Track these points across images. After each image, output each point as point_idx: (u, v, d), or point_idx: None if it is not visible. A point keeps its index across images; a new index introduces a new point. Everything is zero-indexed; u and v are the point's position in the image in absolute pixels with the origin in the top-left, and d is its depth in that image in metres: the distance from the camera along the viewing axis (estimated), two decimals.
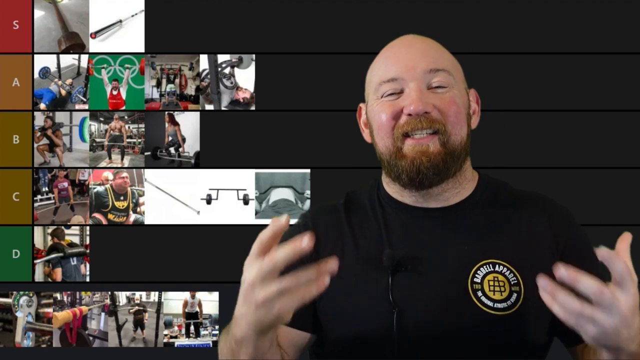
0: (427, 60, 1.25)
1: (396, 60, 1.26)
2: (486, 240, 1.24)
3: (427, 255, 1.22)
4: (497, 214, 1.27)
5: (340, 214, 1.31)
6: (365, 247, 1.26)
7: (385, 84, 1.26)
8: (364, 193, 1.35)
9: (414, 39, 1.30)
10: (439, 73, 1.25)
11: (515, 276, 1.21)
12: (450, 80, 1.26)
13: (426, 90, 1.24)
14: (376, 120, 1.27)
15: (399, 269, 1.21)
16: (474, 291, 1.19)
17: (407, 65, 1.24)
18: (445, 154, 1.23)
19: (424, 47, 1.28)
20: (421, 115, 1.22)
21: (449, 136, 1.23)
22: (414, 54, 1.26)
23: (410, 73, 1.24)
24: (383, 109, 1.25)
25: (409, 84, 1.24)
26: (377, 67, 1.29)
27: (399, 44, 1.30)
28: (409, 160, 1.23)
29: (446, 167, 1.24)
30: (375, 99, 1.28)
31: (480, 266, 1.21)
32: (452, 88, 1.26)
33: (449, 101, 1.24)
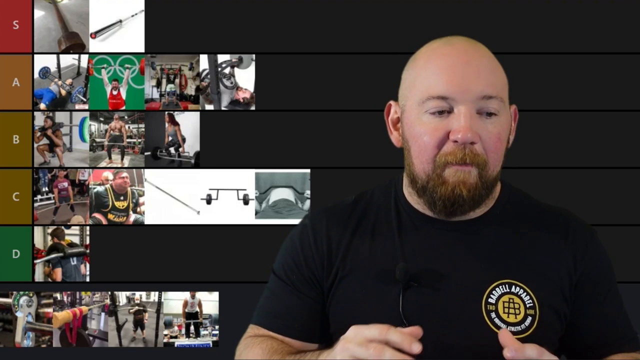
0: (483, 84, 1.17)
1: (450, 77, 1.17)
2: (503, 259, 1.21)
3: (442, 270, 1.20)
4: (516, 231, 1.24)
5: (352, 217, 1.28)
6: (378, 257, 1.23)
7: (433, 100, 1.17)
8: (378, 196, 1.30)
9: (470, 51, 1.20)
10: (492, 100, 1.17)
11: (531, 299, 1.18)
12: (501, 107, 1.19)
13: (476, 115, 1.17)
14: (417, 140, 1.20)
15: (411, 284, 1.18)
16: (488, 312, 1.17)
17: (462, 85, 1.16)
18: (482, 188, 1.19)
19: (480, 65, 1.18)
20: (467, 146, 1.16)
21: (487, 172, 1.19)
22: (470, 73, 1.17)
23: (464, 95, 1.16)
24: (427, 130, 1.18)
25: (460, 107, 1.16)
26: (426, 77, 1.20)
27: (455, 56, 1.19)
28: (449, 187, 1.18)
29: (481, 199, 1.21)
30: (418, 111, 1.20)
31: (496, 286, 1.19)
32: (501, 115, 1.19)
33: (495, 138, 1.18)
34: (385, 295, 1.19)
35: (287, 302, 1.27)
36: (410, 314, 1.17)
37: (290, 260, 1.28)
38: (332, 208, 1.31)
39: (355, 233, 1.26)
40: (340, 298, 1.23)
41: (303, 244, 1.28)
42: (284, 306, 1.27)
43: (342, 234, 1.26)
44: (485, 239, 1.23)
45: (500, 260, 1.21)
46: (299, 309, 1.26)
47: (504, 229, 1.24)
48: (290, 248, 1.29)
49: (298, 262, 1.27)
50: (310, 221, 1.30)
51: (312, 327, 1.26)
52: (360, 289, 1.22)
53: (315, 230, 1.28)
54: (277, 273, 1.30)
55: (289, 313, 1.26)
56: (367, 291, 1.21)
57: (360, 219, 1.28)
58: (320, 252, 1.26)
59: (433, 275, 1.19)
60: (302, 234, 1.29)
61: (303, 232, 1.29)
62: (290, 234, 1.32)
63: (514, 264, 1.21)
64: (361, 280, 1.22)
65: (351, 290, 1.22)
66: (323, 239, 1.26)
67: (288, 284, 1.27)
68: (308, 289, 1.26)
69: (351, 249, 1.25)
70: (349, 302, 1.22)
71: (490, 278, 1.19)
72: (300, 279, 1.26)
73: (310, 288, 1.26)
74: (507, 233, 1.24)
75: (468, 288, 1.19)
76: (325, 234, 1.27)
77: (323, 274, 1.25)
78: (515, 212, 1.26)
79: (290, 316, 1.26)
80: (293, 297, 1.26)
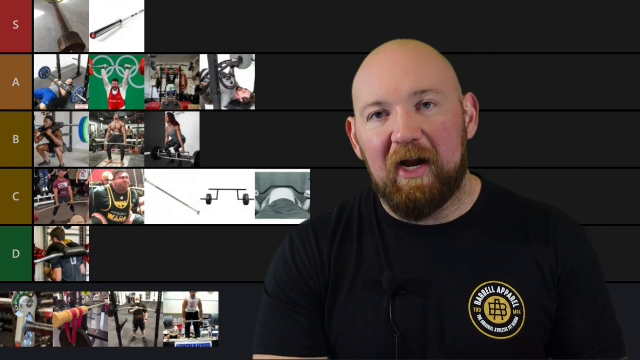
0: (411, 81, 1.16)
1: (379, 81, 1.17)
2: (488, 260, 1.20)
3: (428, 276, 1.19)
4: (499, 231, 1.22)
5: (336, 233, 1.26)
6: (364, 268, 1.22)
7: (370, 106, 1.18)
8: (360, 206, 1.29)
9: (397, 52, 1.20)
10: (426, 94, 1.16)
11: (517, 299, 1.18)
12: (439, 97, 1.17)
13: (414, 112, 1.16)
14: (367, 147, 1.20)
15: (399, 292, 1.18)
16: (474, 315, 1.17)
17: (391, 87, 1.16)
18: (441, 185, 1.17)
19: (407, 63, 1.17)
20: (409, 143, 1.15)
21: (441, 166, 1.16)
22: (397, 74, 1.16)
23: (395, 96, 1.16)
24: (372, 136, 1.18)
25: (395, 107, 1.16)
26: (361, 87, 1.21)
27: (382, 60, 1.20)
28: (404, 195, 1.17)
29: (443, 198, 1.18)
30: (362, 121, 1.21)
31: (482, 288, 1.19)
32: (443, 105, 1.17)
33: (439, 128, 1.16)
34: (375, 305, 1.19)
35: (291, 322, 1.24)
36: (400, 321, 1.17)
37: (286, 277, 1.25)
38: (317, 222, 1.29)
39: (343, 244, 1.25)
40: (334, 309, 1.23)
41: (295, 260, 1.25)
42: (289, 327, 1.24)
43: (331, 247, 1.25)
44: (468, 241, 1.21)
45: (485, 262, 1.20)
46: (305, 326, 1.23)
47: (487, 229, 1.22)
48: (282, 266, 1.26)
49: (294, 278, 1.25)
50: (298, 237, 1.28)
51: (320, 342, 1.24)
52: (351, 299, 1.21)
53: (304, 245, 1.26)
54: (272, 295, 1.26)
55: (297, 333, 1.23)
56: (357, 301, 1.21)
57: (346, 230, 1.27)
58: (314, 265, 1.24)
59: (419, 281, 1.19)
60: (293, 250, 1.26)
61: (293, 248, 1.27)
62: (278, 253, 1.29)
63: (498, 264, 1.20)
64: (351, 291, 1.21)
65: (343, 301, 1.22)
66: (315, 252, 1.25)
67: (288, 303, 1.24)
68: (308, 304, 1.24)
69: (340, 260, 1.24)
70: (342, 314, 1.22)
71: (476, 280, 1.19)
72: (299, 294, 1.24)
73: (310, 302, 1.24)
74: (490, 233, 1.22)
75: (454, 292, 1.18)
76: (315, 247, 1.25)
77: (320, 286, 1.24)
78: (497, 212, 1.24)
79: (300, 336, 1.23)
80: (296, 315, 1.24)
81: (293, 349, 1.23)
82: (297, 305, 1.24)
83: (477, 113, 1.26)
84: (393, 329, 1.17)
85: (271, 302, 1.26)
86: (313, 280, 1.24)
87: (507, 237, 1.22)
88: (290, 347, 1.23)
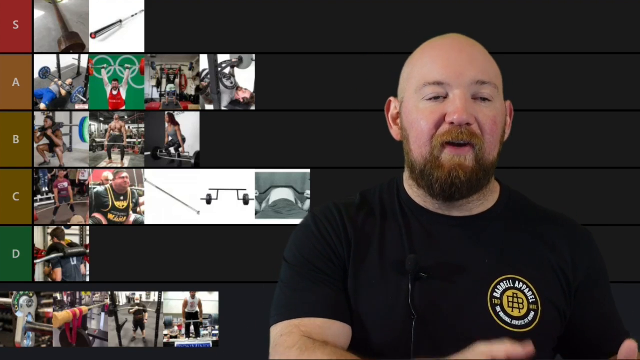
0: (476, 70, 1.21)
1: (445, 63, 1.22)
2: (507, 255, 1.23)
3: (449, 263, 1.21)
4: (519, 229, 1.26)
5: (359, 214, 1.27)
6: (387, 250, 1.23)
7: (429, 86, 1.21)
8: (382, 194, 1.31)
9: (463, 42, 1.25)
10: (485, 85, 1.21)
11: (533, 295, 1.21)
12: (495, 93, 1.23)
13: (471, 99, 1.21)
14: (415, 126, 1.23)
15: (420, 276, 1.19)
16: (493, 306, 1.19)
17: (456, 71, 1.21)
18: (480, 170, 1.21)
19: (473, 53, 1.23)
20: (462, 126, 1.19)
21: (483, 154, 1.21)
22: (463, 60, 1.22)
23: (458, 80, 1.20)
24: (424, 115, 1.21)
25: (455, 91, 1.20)
26: (422, 66, 1.24)
27: (448, 46, 1.24)
28: (446, 170, 1.20)
29: (479, 183, 1.22)
30: (415, 99, 1.23)
31: (501, 281, 1.21)
32: (495, 102, 1.23)
33: (491, 120, 1.21)
34: (395, 287, 1.20)
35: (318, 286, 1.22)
36: (419, 305, 1.18)
37: (311, 246, 1.25)
38: (339, 203, 1.30)
39: (366, 225, 1.26)
40: (354, 287, 1.23)
41: (320, 230, 1.25)
42: (316, 290, 1.22)
43: (354, 225, 1.26)
44: (489, 234, 1.25)
45: (504, 256, 1.23)
46: (332, 290, 1.22)
47: (507, 226, 1.26)
48: (306, 237, 1.26)
49: (319, 246, 1.24)
50: (322, 212, 1.28)
51: (345, 309, 1.22)
52: (370, 279, 1.22)
53: (328, 219, 1.27)
54: (296, 264, 1.25)
55: (325, 296, 1.21)
56: (377, 281, 1.21)
57: (369, 213, 1.28)
58: (339, 236, 1.24)
59: (441, 267, 1.21)
60: (317, 222, 1.26)
61: (316, 220, 1.27)
62: (299, 229, 1.29)
63: (518, 260, 1.23)
64: (371, 271, 1.22)
65: (363, 279, 1.22)
66: (339, 226, 1.25)
67: (314, 270, 1.23)
68: (333, 272, 1.23)
69: (362, 239, 1.25)
70: (362, 292, 1.22)
71: (495, 272, 1.21)
72: (325, 262, 1.23)
73: (334, 271, 1.23)
74: (510, 230, 1.26)
75: (474, 281, 1.20)
76: (340, 222, 1.26)
77: (344, 257, 1.23)
78: (516, 211, 1.28)
79: (328, 298, 1.21)
80: (323, 280, 1.23)
81: (323, 309, 1.20)
82: (323, 272, 1.23)
83: (511, 120, 1.30)
84: (411, 312, 1.18)
85: (294, 271, 1.25)
86: (338, 250, 1.24)
87: (527, 237, 1.26)
88: (319, 308, 1.20)
